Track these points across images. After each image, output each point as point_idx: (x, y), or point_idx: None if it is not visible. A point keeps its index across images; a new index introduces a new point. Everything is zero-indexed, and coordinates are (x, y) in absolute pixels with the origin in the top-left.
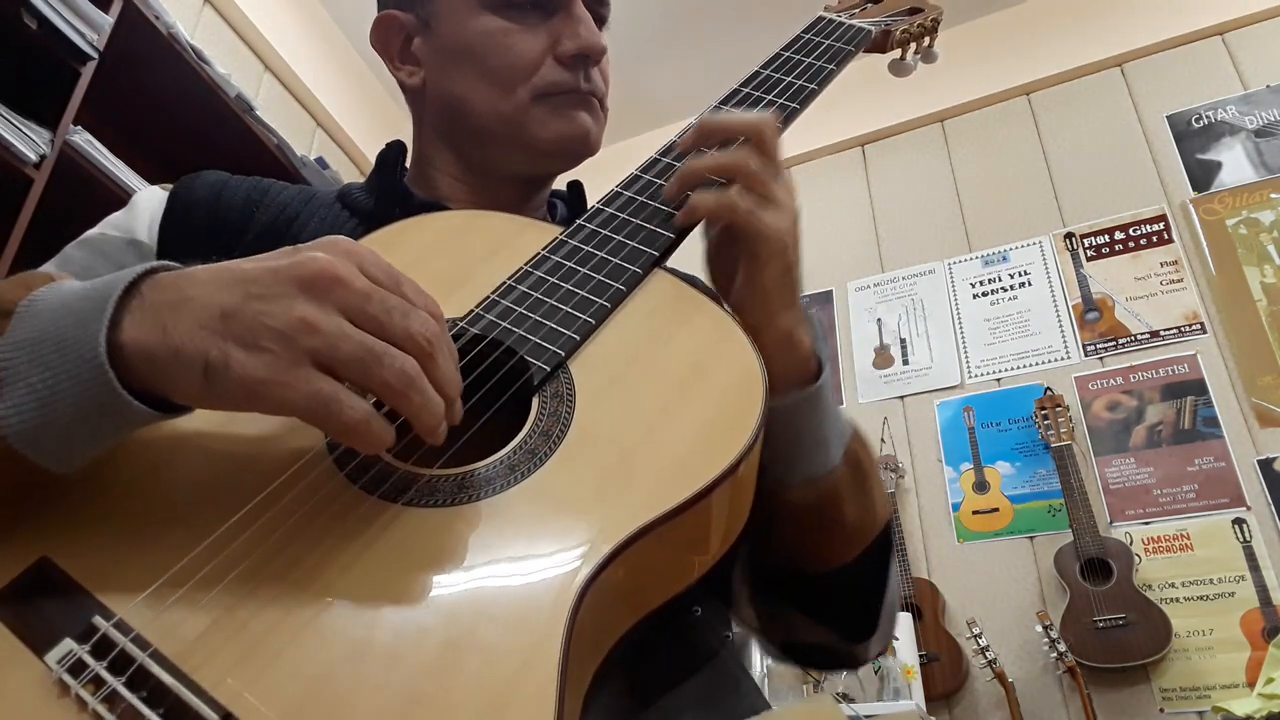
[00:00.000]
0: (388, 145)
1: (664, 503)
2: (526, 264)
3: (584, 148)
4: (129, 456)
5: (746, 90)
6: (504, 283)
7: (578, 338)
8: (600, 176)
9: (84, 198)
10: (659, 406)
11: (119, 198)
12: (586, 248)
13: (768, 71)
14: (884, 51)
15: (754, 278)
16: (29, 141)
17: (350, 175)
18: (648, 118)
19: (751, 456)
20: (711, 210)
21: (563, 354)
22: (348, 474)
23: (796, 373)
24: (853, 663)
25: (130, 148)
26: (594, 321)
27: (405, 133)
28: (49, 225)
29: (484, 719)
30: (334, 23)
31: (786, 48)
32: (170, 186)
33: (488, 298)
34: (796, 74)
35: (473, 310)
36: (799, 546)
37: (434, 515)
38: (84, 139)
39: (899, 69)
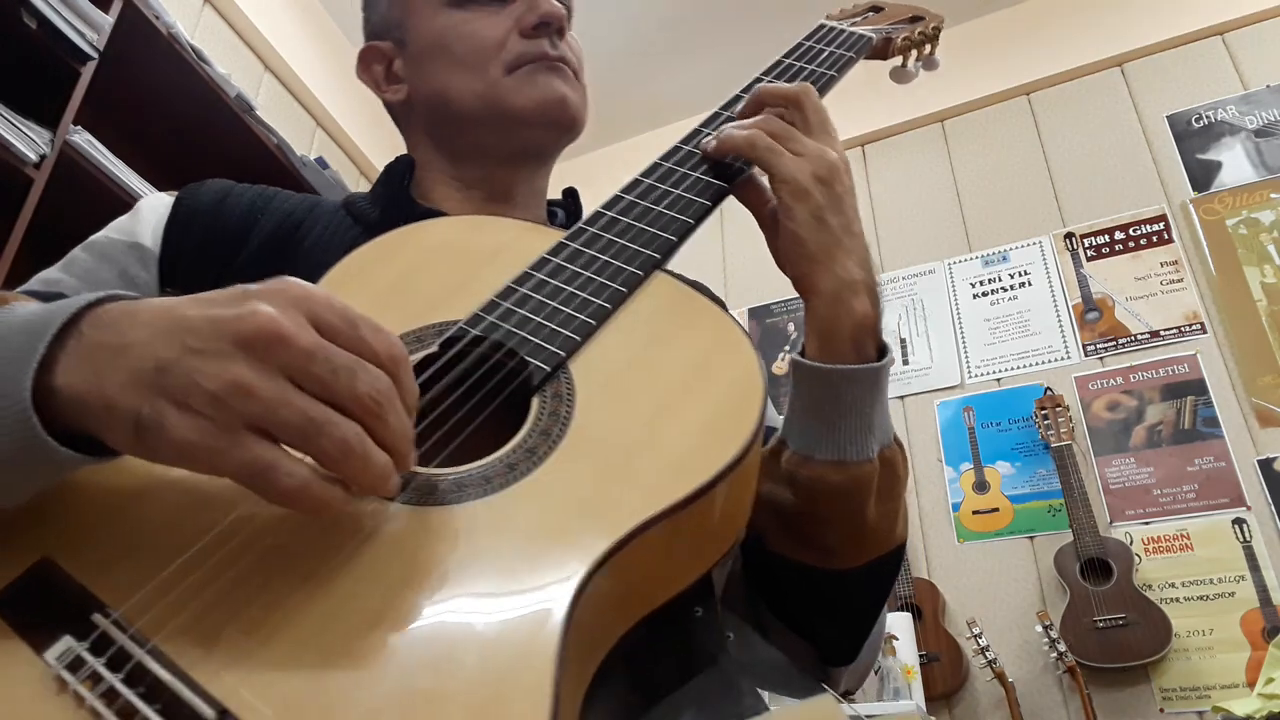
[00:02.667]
0: (396, 158)
1: (664, 499)
2: (528, 266)
3: (563, 112)
4: (128, 457)
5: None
6: (505, 284)
7: (578, 338)
8: (598, 179)
9: (84, 198)
10: (659, 405)
11: (119, 198)
12: (588, 250)
13: (769, 77)
14: (885, 58)
15: (785, 225)
16: (29, 141)
17: (350, 175)
18: (648, 118)
19: (752, 454)
20: (736, 144)
21: (563, 354)
22: None
23: (842, 343)
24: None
25: (130, 148)
26: (594, 322)
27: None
28: (49, 225)
29: (482, 711)
30: (334, 22)
31: (788, 54)
32: (176, 194)
33: (489, 299)
34: (799, 80)
35: (473, 311)
36: (807, 531)
37: (431, 513)
38: (84, 139)
39: (900, 76)
